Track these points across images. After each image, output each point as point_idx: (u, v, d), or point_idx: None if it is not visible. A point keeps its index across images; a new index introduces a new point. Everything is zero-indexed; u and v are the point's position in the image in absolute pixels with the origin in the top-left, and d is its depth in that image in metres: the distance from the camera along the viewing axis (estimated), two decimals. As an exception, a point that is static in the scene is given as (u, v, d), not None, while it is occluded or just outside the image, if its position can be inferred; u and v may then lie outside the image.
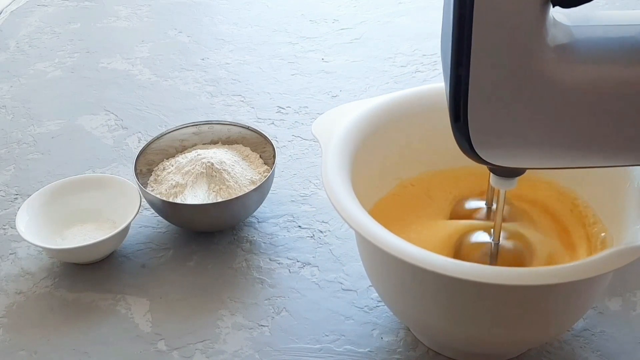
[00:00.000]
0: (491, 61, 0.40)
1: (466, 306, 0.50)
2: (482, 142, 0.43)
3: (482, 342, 0.54)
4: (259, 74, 1.02)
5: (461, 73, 0.41)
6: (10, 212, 0.77)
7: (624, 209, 0.53)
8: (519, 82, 0.41)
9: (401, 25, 1.14)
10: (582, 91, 0.41)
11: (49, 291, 0.67)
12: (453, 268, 0.46)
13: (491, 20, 0.39)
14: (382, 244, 0.48)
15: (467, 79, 0.41)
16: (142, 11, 1.22)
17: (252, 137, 0.77)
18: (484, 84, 0.41)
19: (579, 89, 0.41)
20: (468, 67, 0.40)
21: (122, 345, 0.61)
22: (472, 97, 0.41)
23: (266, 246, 0.71)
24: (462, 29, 0.39)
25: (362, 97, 0.94)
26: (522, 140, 0.43)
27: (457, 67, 0.41)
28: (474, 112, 0.42)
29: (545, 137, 0.43)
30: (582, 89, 0.41)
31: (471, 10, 0.39)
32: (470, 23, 0.39)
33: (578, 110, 0.42)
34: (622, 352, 0.59)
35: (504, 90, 0.41)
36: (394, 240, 0.48)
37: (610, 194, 0.56)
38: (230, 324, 0.63)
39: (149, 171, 0.75)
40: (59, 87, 1.00)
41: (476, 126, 0.43)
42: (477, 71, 0.41)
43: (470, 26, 0.39)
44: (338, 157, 0.56)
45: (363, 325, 0.62)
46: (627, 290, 0.64)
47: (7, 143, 0.88)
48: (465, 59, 0.40)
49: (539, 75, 0.40)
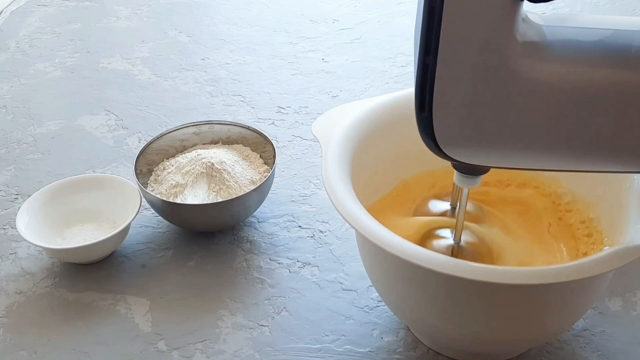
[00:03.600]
0: (458, 52, 0.40)
1: (465, 305, 0.50)
2: (446, 136, 0.43)
3: (481, 341, 0.54)
4: (259, 74, 1.02)
5: (428, 62, 0.40)
6: (10, 212, 0.77)
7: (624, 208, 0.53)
8: (485, 76, 0.40)
9: (401, 25, 1.14)
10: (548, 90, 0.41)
11: (49, 291, 0.67)
12: (452, 267, 0.45)
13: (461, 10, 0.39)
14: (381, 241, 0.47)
15: (434, 68, 0.40)
16: (142, 11, 1.22)
17: (252, 137, 0.77)
18: (450, 74, 0.40)
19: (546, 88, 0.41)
20: (436, 56, 0.40)
21: (122, 345, 0.61)
22: (438, 87, 0.41)
23: (266, 246, 0.71)
24: (432, 17, 0.39)
25: (362, 97, 0.94)
26: (486, 136, 0.42)
27: (424, 56, 0.40)
28: (439, 103, 0.41)
29: (508, 135, 0.42)
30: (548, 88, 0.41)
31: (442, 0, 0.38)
32: (440, 12, 0.39)
33: (543, 109, 0.41)
34: (623, 352, 0.59)
35: (469, 82, 0.40)
36: (393, 238, 0.48)
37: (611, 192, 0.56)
38: (231, 324, 0.63)
39: (149, 171, 0.75)
40: (59, 87, 1.00)
41: (440, 118, 0.42)
42: (444, 61, 0.40)
43: (440, 15, 0.39)
44: (338, 156, 0.56)
45: (363, 325, 0.62)
46: (627, 290, 0.64)
47: (7, 143, 0.88)
48: (433, 47, 0.40)
49: (505, 71, 0.40)
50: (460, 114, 0.42)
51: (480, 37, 0.39)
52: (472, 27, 0.39)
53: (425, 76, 0.41)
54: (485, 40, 0.39)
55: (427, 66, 0.41)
